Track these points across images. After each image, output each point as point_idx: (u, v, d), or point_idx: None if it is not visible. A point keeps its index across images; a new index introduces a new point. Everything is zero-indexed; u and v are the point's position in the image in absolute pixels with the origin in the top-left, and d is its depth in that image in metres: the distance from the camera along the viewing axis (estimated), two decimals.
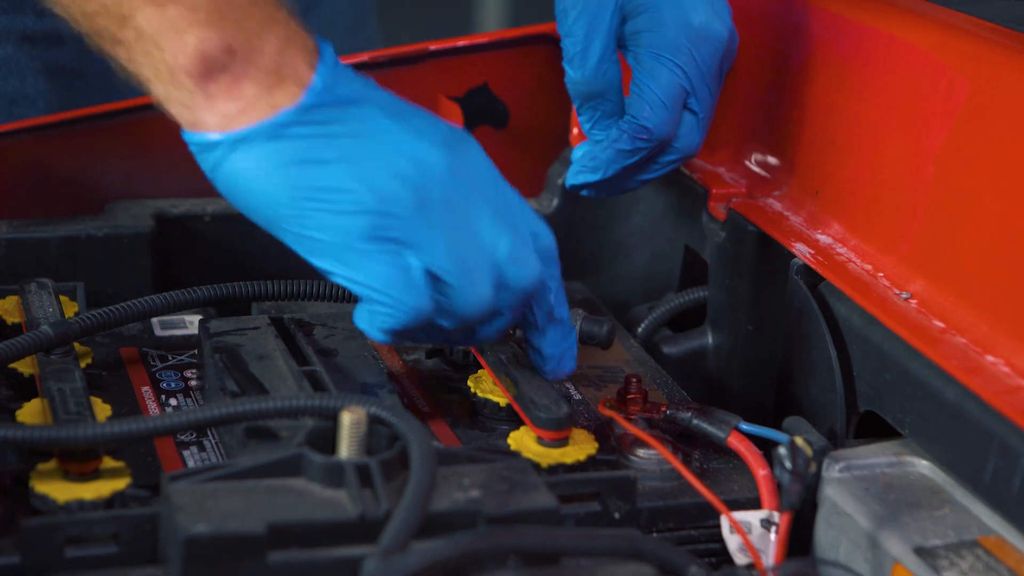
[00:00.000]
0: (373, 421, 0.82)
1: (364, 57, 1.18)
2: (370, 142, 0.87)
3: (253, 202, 0.88)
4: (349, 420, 0.80)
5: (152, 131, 1.16)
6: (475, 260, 0.88)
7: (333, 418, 0.82)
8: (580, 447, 0.91)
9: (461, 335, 0.92)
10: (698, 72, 1.03)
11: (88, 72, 1.30)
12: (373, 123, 0.87)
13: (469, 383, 0.98)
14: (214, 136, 0.86)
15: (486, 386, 0.98)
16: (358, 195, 0.86)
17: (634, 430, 0.93)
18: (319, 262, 0.88)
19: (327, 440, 0.81)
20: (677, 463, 0.89)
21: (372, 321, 0.89)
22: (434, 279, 0.87)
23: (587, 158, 1.04)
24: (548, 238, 0.93)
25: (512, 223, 0.90)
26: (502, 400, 0.96)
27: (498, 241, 0.89)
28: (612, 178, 1.05)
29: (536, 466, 0.89)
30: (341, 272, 0.87)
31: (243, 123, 0.86)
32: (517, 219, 0.90)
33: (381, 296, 0.87)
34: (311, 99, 0.86)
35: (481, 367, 0.99)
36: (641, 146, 1.03)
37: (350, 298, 1.02)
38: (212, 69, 0.85)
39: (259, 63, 0.86)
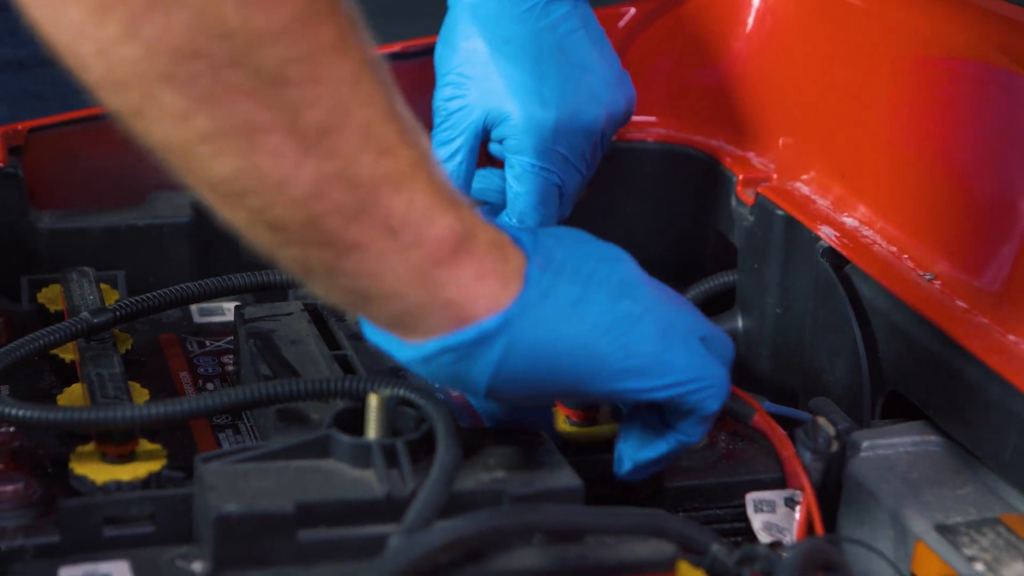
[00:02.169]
0: (400, 403, 0.83)
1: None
2: (596, 263, 0.81)
3: (552, 368, 0.79)
4: (376, 402, 0.82)
5: None
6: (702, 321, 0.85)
7: (361, 400, 0.83)
8: (607, 427, 0.93)
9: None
10: (567, 165, 1.05)
11: (49, 96, 1.31)
12: (579, 246, 0.82)
13: None
14: (494, 320, 0.76)
15: None
16: (636, 311, 0.80)
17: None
18: (639, 383, 0.81)
19: (356, 422, 0.83)
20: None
21: (699, 423, 0.83)
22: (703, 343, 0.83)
23: None
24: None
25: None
26: None
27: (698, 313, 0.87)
28: None
29: (565, 445, 0.91)
30: (661, 382, 0.81)
31: (510, 296, 0.77)
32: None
33: (700, 382, 0.81)
34: (530, 250, 0.79)
35: None
36: None
37: None
38: (465, 252, 0.76)
39: (484, 235, 0.77)
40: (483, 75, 1.05)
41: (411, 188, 0.73)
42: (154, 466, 0.86)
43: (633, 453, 0.85)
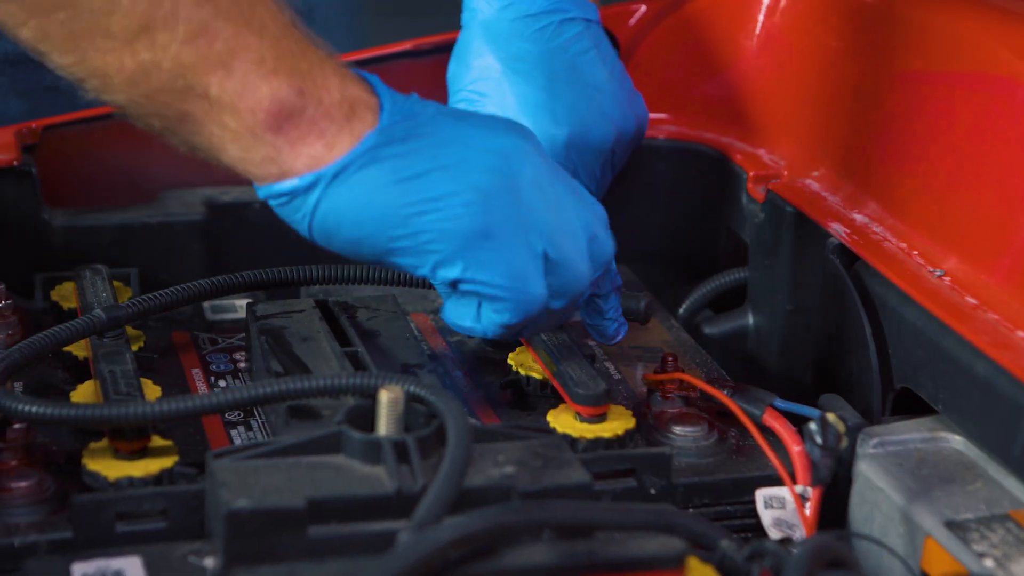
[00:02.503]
0: (411, 399, 0.83)
1: (362, 55, 1.19)
2: (454, 146, 0.89)
3: (362, 232, 0.88)
4: (387, 398, 0.82)
5: None
6: (574, 237, 0.91)
7: (372, 397, 0.84)
8: (618, 423, 0.93)
9: (561, 315, 0.94)
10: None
11: (69, 91, 1.32)
12: (448, 129, 0.89)
13: (510, 360, 1.00)
14: (307, 178, 0.87)
15: (526, 363, 1.00)
16: (464, 196, 0.87)
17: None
18: (444, 273, 0.89)
19: (366, 418, 0.83)
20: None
21: (491, 318, 0.91)
22: (545, 262, 0.90)
23: None
24: (601, 208, 0.96)
25: (584, 199, 0.93)
26: (541, 376, 0.98)
27: (583, 216, 0.92)
28: None
29: (573, 442, 0.91)
30: (468, 276, 0.89)
31: (333, 158, 0.87)
32: (584, 195, 0.94)
33: (506, 291, 0.89)
34: (387, 120, 0.88)
35: (520, 344, 1.01)
36: None
37: (395, 281, 1.04)
38: (291, 115, 0.86)
39: (328, 99, 0.87)
40: (496, 92, 1.07)
41: (229, 65, 0.85)
42: (166, 462, 0.86)
43: (446, 314, 0.94)
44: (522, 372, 1.00)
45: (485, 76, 1.07)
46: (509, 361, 1.01)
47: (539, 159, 0.92)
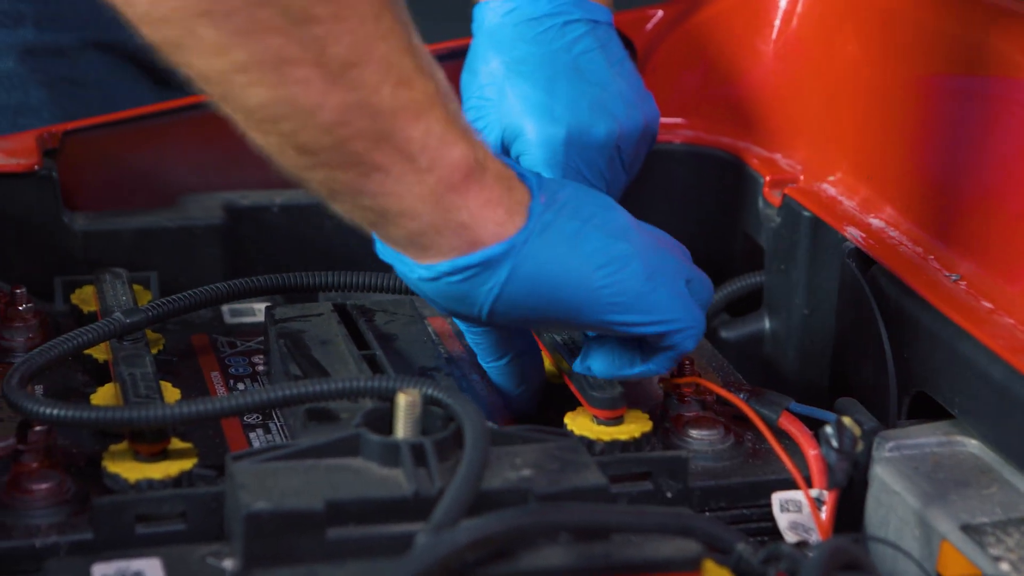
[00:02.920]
0: (428, 402, 0.84)
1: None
2: (594, 207, 0.90)
3: (554, 296, 0.87)
4: (405, 401, 0.83)
5: (222, 126, 1.19)
6: (687, 265, 0.94)
7: (390, 399, 0.84)
8: (635, 426, 0.94)
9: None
10: (581, 180, 1.06)
11: (88, 81, 1.34)
12: (579, 191, 0.90)
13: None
14: (500, 247, 0.84)
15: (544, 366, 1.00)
16: (623, 246, 0.89)
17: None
18: (626, 317, 0.89)
19: (384, 421, 0.84)
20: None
21: (672, 359, 0.93)
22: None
23: None
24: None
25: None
26: (557, 378, 0.99)
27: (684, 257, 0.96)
28: None
29: (590, 444, 0.92)
30: (646, 319, 0.89)
31: (516, 226, 0.85)
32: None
33: (680, 323, 0.90)
34: (536, 188, 0.88)
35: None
36: None
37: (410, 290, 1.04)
38: (477, 179, 0.83)
39: (493, 167, 0.85)
40: (499, 96, 1.07)
41: (428, 117, 0.81)
42: (186, 464, 0.87)
43: (602, 367, 0.94)
44: None
45: (491, 82, 1.08)
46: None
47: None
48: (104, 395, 0.96)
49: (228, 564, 0.79)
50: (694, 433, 0.95)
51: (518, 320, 0.88)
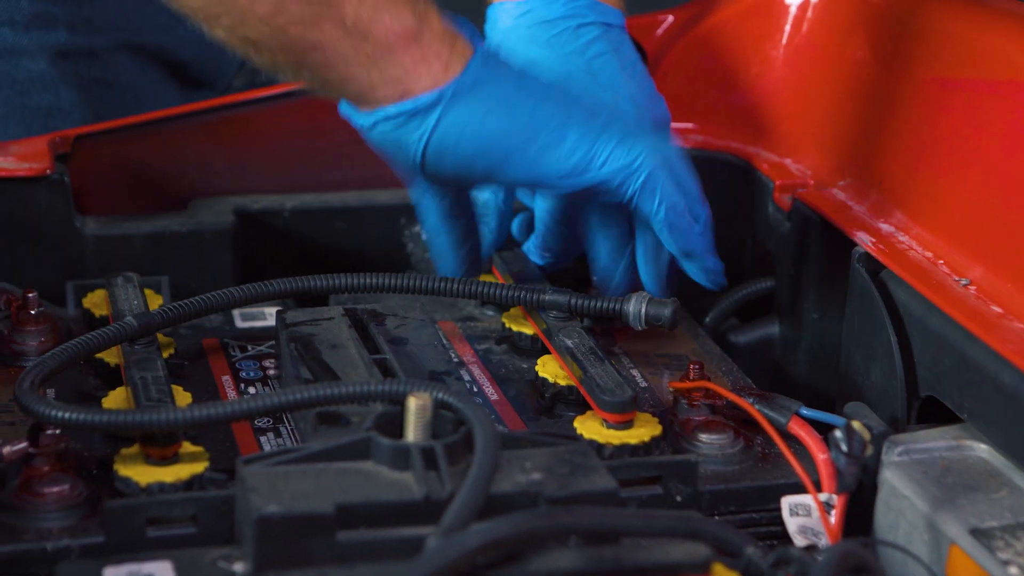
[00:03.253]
0: (439, 406, 0.84)
1: None
2: (538, 71, 0.98)
3: (480, 145, 0.95)
4: (415, 405, 0.83)
5: (232, 130, 1.20)
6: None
7: (401, 403, 0.84)
8: (644, 430, 0.94)
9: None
10: None
11: (118, 83, 1.34)
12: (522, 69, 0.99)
13: (537, 367, 1.01)
14: (431, 95, 0.93)
15: (553, 370, 1.00)
16: (571, 108, 0.96)
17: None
18: (562, 181, 0.96)
19: (395, 425, 0.84)
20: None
21: (649, 207, 0.98)
22: None
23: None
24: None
25: None
26: (568, 382, 0.99)
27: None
28: None
29: (599, 448, 0.92)
30: (598, 168, 0.96)
31: (449, 78, 0.94)
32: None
33: (639, 166, 0.97)
34: (481, 47, 0.96)
35: (548, 352, 1.02)
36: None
37: (423, 289, 1.04)
38: (413, 39, 0.93)
39: (437, 27, 0.94)
40: None
41: None
42: (196, 468, 0.87)
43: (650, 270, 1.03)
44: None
45: None
46: (536, 368, 1.01)
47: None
48: (115, 399, 0.96)
49: (239, 567, 0.79)
50: (704, 437, 0.95)
51: (451, 174, 0.96)
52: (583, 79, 1.08)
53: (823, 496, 0.90)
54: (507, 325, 1.07)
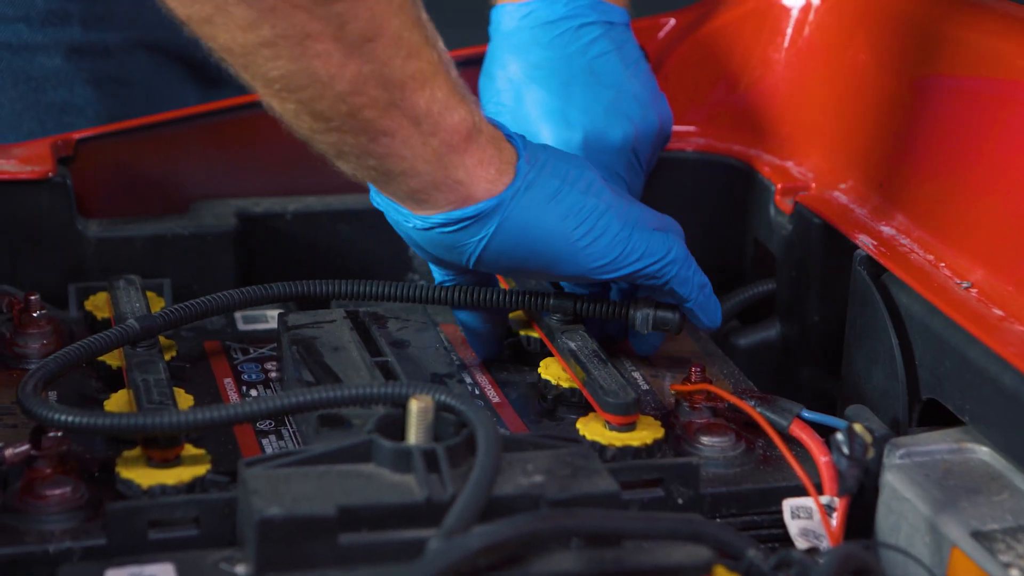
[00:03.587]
0: (441, 408, 0.84)
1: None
2: (570, 167, 0.97)
3: (533, 249, 0.95)
4: (417, 407, 0.83)
5: (234, 133, 1.20)
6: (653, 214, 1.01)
7: (403, 406, 0.84)
8: (647, 432, 0.94)
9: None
10: None
11: (133, 81, 1.34)
12: (557, 152, 0.98)
13: (540, 369, 1.01)
14: (491, 201, 0.93)
15: (555, 372, 1.00)
16: (602, 206, 0.96)
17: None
18: (602, 262, 0.97)
19: (397, 427, 0.84)
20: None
21: (674, 292, 1.00)
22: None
23: None
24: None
25: None
26: (570, 384, 0.99)
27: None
28: None
29: (601, 450, 0.92)
30: (622, 262, 0.97)
31: (506, 183, 0.93)
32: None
33: (656, 256, 0.98)
34: (523, 150, 0.95)
35: (551, 355, 1.02)
36: None
37: (422, 298, 1.04)
38: (475, 140, 0.92)
39: (487, 129, 0.93)
40: (516, 101, 1.09)
41: (433, 85, 0.89)
42: (198, 470, 0.87)
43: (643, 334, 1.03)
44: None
45: (507, 87, 1.09)
46: (538, 370, 1.02)
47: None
48: (117, 401, 0.96)
49: (241, 569, 0.79)
50: (705, 440, 0.95)
51: (501, 268, 0.97)
52: (586, 79, 1.08)
53: (824, 499, 0.90)
54: (511, 330, 1.07)
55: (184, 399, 0.97)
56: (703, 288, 1.02)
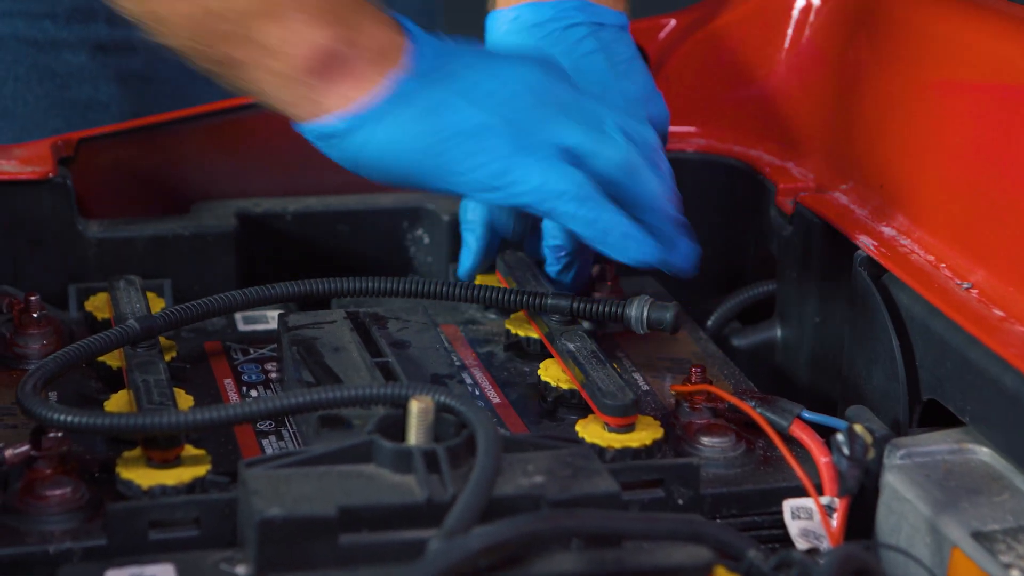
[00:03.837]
0: (441, 409, 0.84)
1: None
2: (479, 76, 0.96)
3: (399, 168, 0.96)
4: (418, 408, 0.83)
5: (235, 134, 1.20)
6: (600, 121, 0.97)
7: (403, 406, 0.84)
8: (646, 433, 0.94)
9: (628, 191, 0.98)
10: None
11: (158, 78, 1.34)
12: (474, 61, 0.97)
13: (539, 371, 1.01)
14: (345, 120, 0.94)
15: (555, 374, 1.00)
16: (490, 122, 0.95)
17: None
18: (480, 196, 0.96)
19: (397, 428, 0.84)
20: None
21: (561, 224, 0.98)
22: (577, 158, 0.96)
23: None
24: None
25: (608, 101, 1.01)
26: (570, 386, 0.99)
27: (607, 112, 0.98)
28: None
29: (601, 451, 0.92)
30: (510, 189, 0.95)
31: (368, 100, 0.94)
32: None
33: (546, 192, 0.95)
34: (418, 62, 0.95)
35: (551, 356, 1.02)
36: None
37: (425, 293, 1.04)
38: (329, 60, 0.93)
39: (364, 43, 0.94)
40: None
41: (282, 15, 0.92)
42: (199, 471, 0.87)
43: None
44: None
45: None
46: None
47: (560, 85, 0.98)
48: (118, 402, 0.96)
49: (241, 570, 0.79)
50: (706, 440, 0.95)
51: (381, 179, 0.98)
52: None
53: (825, 499, 0.90)
54: (512, 331, 1.07)
55: (184, 400, 0.97)
56: (612, 230, 0.97)
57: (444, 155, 0.95)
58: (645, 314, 1.02)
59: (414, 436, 0.83)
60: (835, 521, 0.86)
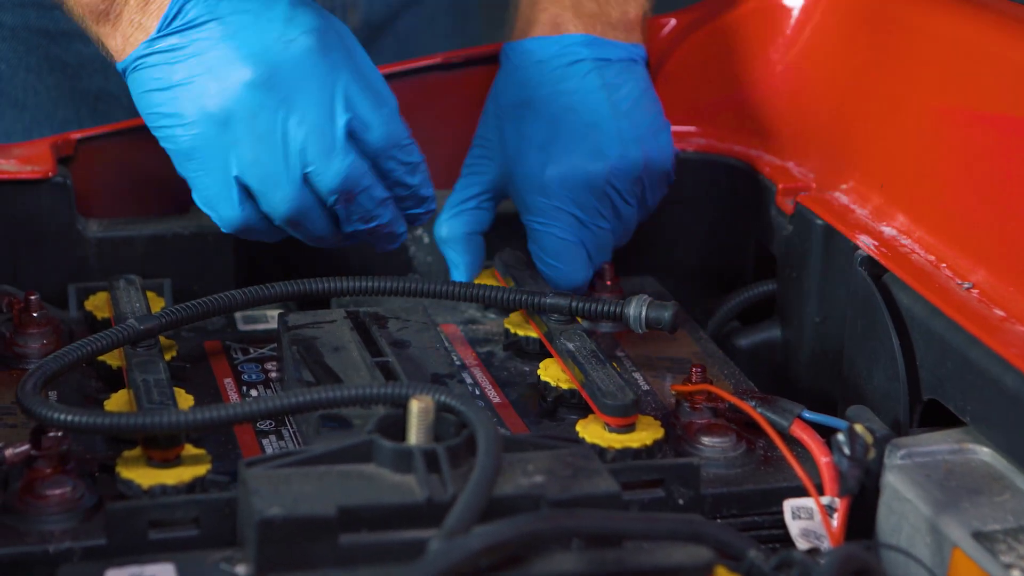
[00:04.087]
0: (441, 409, 0.84)
1: (392, 68, 1.20)
2: (199, 64, 0.98)
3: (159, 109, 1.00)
4: (418, 408, 0.83)
5: None
6: (275, 166, 0.98)
7: (403, 406, 0.84)
8: (646, 433, 0.94)
9: (299, 229, 1.02)
10: (574, 222, 1.09)
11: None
12: (206, 46, 0.97)
13: (539, 371, 1.01)
14: (119, 63, 1.01)
15: (555, 374, 1.00)
16: (183, 117, 0.98)
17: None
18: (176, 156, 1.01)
19: (397, 427, 0.84)
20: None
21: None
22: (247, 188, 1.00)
23: None
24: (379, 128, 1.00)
25: (328, 117, 0.98)
26: (570, 386, 0.99)
27: (298, 143, 0.97)
28: None
29: (602, 452, 0.92)
30: (191, 184, 1.01)
31: (127, 52, 1.00)
32: (335, 113, 0.98)
33: (207, 209, 1.01)
34: (161, 29, 0.98)
35: (550, 355, 1.02)
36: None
37: (425, 293, 1.05)
38: (104, 13, 0.99)
39: (132, 4, 0.98)
40: (498, 138, 1.12)
41: None
42: (199, 470, 0.87)
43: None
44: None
45: (492, 121, 1.12)
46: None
47: (283, 80, 0.97)
48: (118, 401, 0.96)
49: (241, 570, 0.79)
50: (706, 440, 0.95)
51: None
52: (566, 117, 1.08)
53: (825, 499, 0.90)
54: (512, 331, 1.07)
55: (184, 399, 0.97)
56: (370, 217, 1.01)
57: (156, 132, 1.00)
58: (644, 313, 1.02)
59: (414, 436, 0.83)
60: (836, 521, 0.86)
